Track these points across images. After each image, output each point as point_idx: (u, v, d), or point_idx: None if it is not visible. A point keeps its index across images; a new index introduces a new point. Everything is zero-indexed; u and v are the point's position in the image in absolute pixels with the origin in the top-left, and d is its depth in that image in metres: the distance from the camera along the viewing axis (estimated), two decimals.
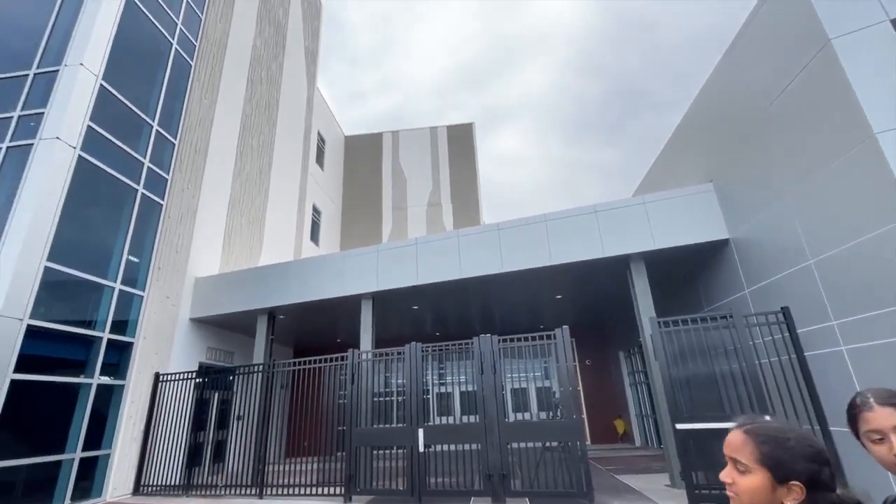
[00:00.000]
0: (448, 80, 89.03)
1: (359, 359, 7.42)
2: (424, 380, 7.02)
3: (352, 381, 7.20)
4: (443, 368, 10.27)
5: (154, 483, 7.94)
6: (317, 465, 7.10)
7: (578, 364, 14.01)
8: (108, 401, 7.79)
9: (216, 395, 9.09)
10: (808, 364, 5.51)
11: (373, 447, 6.99)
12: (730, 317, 5.97)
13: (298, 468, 7.29)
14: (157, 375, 8.65)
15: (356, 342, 9.00)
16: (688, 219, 7.24)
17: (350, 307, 9.24)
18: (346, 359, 7.39)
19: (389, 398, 7.32)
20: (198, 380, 8.55)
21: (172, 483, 7.80)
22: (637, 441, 12.67)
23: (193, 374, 8.62)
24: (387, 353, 7.36)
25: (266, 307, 9.51)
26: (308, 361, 7.73)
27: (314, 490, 6.94)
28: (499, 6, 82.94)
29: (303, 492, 7.03)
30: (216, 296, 9.93)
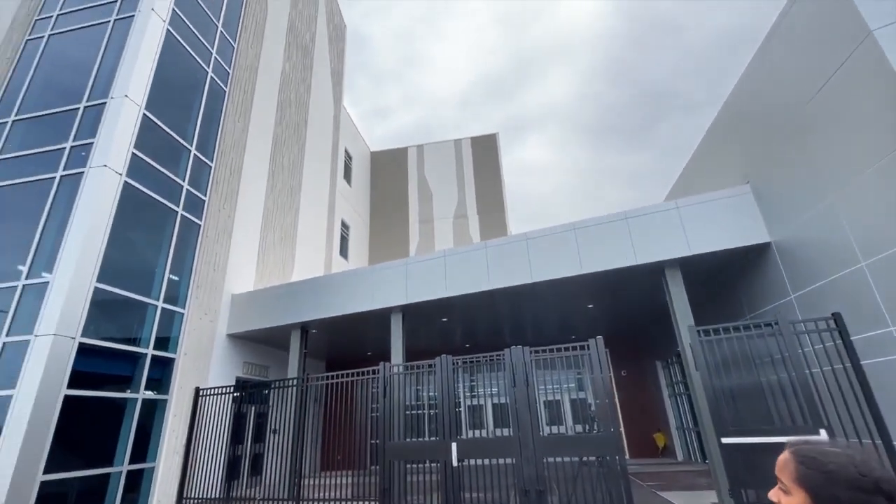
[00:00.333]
0: (471, 92, 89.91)
1: (390, 372, 7.45)
2: (456, 392, 6.98)
3: (384, 395, 7.23)
4: (474, 381, 10.17)
5: (195, 496, 8.15)
6: (351, 479, 7.13)
7: (613, 375, 13.61)
8: (153, 415, 8.09)
9: (253, 409, 9.31)
10: (866, 373, 5.16)
11: (406, 461, 6.97)
12: (775, 324, 5.65)
13: (333, 482, 7.33)
14: (198, 390, 8.94)
15: (386, 355, 9.05)
16: (725, 222, 6.97)
17: (380, 320, 9.32)
18: (378, 372, 7.43)
19: (421, 411, 7.30)
20: (235, 394, 8.78)
21: (212, 496, 7.99)
22: (679, 455, 12.13)
23: (231, 389, 8.85)
24: (417, 367, 7.36)
25: (299, 322, 9.71)
26: (340, 375, 7.81)
27: None
28: (520, 16, 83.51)
29: None
30: (251, 311, 10.22)
